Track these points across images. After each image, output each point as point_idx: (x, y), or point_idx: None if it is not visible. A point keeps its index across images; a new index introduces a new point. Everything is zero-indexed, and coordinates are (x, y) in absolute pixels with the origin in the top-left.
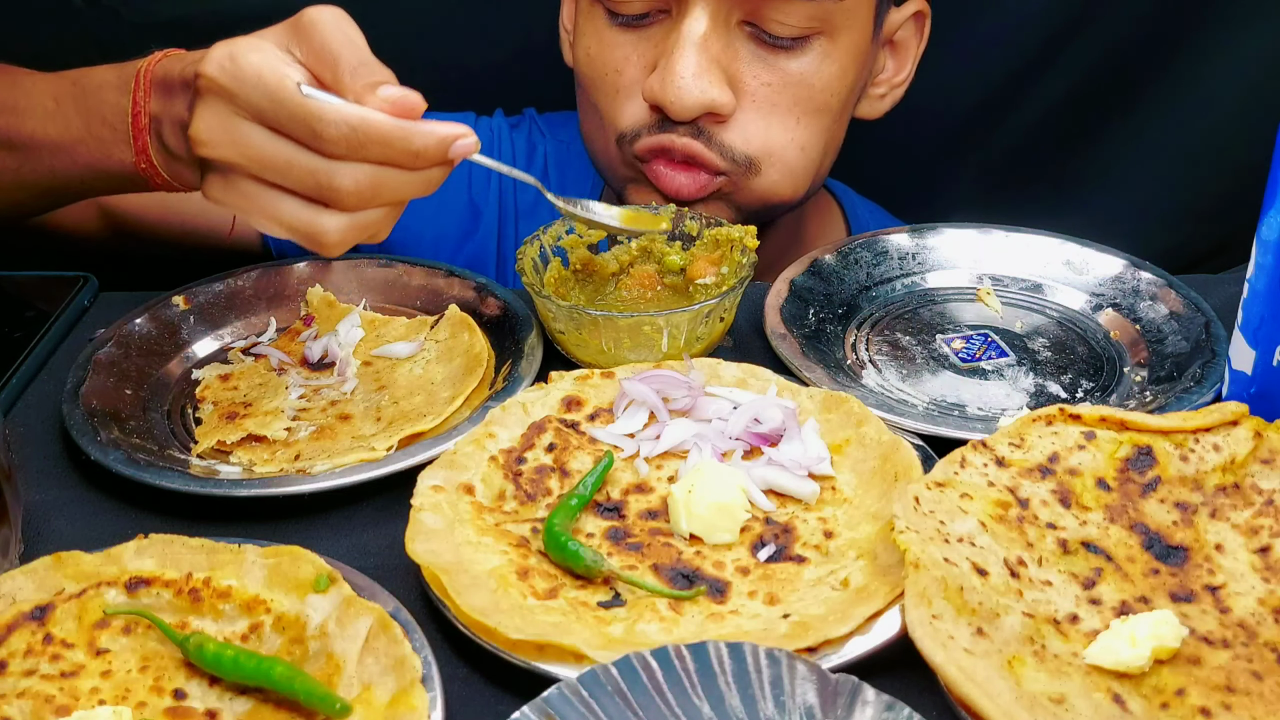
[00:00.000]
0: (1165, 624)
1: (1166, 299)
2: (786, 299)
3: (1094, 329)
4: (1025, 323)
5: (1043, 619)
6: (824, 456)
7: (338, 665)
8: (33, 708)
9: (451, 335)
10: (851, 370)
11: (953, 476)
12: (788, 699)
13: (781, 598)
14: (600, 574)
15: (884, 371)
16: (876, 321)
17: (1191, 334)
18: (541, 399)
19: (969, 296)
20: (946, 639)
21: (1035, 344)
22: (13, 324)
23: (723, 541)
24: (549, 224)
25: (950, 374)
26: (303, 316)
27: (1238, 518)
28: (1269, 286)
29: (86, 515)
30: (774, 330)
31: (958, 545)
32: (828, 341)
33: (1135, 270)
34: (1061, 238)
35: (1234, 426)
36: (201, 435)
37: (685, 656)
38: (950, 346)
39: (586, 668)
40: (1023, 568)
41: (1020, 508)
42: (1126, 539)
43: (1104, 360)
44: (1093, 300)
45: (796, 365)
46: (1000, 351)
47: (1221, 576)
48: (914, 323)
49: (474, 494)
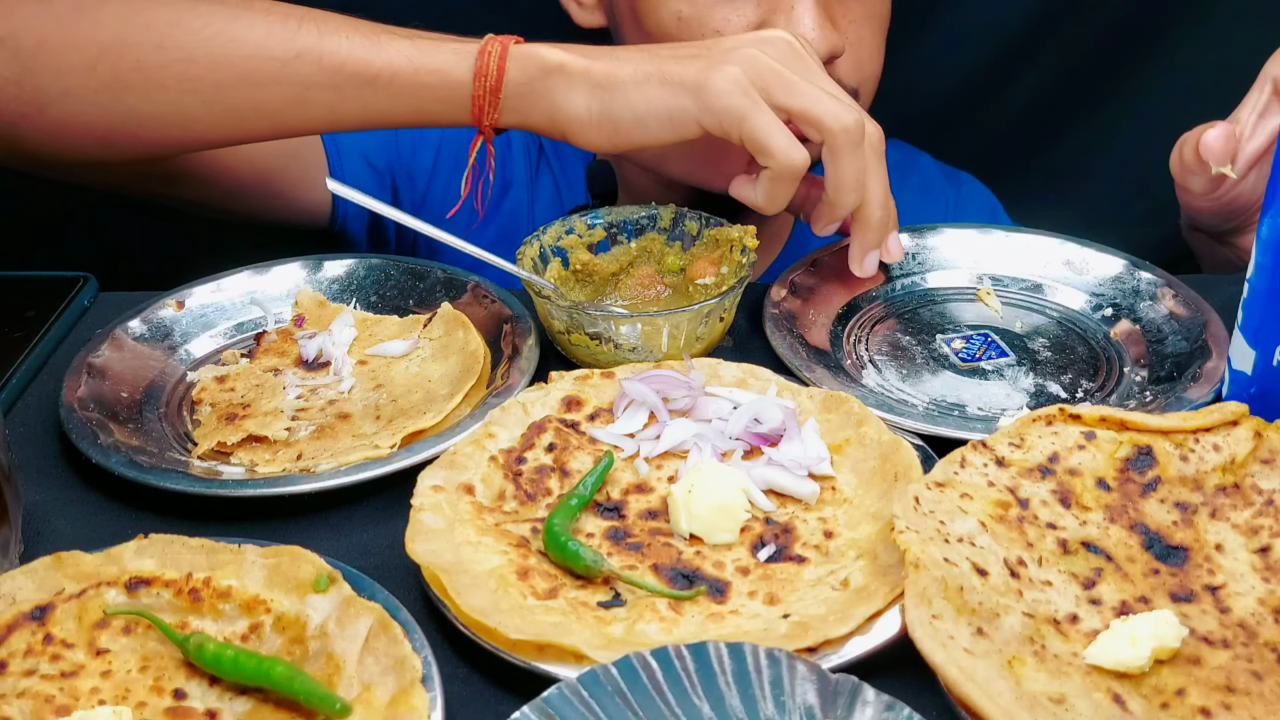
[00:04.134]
0: (1165, 624)
1: (1166, 299)
2: (786, 299)
3: (1094, 329)
4: (1025, 323)
5: (1043, 619)
6: (824, 456)
7: (338, 665)
8: (33, 708)
9: (446, 333)
10: (851, 370)
11: (953, 476)
12: (788, 699)
13: (781, 598)
14: (600, 574)
15: (884, 371)
16: (876, 322)
17: (1192, 334)
18: (542, 399)
19: (969, 296)
20: (946, 639)
21: (1035, 344)
22: (13, 324)
23: (723, 541)
24: (548, 224)
25: (950, 374)
26: (293, 317)
27: (1238, 518)
28: (1269, 286)
29: (86, 515)
30: (774, 330)
31: (958, 545)
32: (828, 341)
33: (1135, 270)
34: (1061, 238)
35: (1234, 426)
36: (201, 437)
37: (685, 656)
38: (950, 346)
39: (586, 668)
40: (1023, 568)
41: (1020, 508)
42: (1126, 539)
43: (1104, 360)
44: (1093, 300)
45: (797, 365)
46: (1000, 351)
47: (1221, 576)
48: (914, 323)
49: (474, 494)
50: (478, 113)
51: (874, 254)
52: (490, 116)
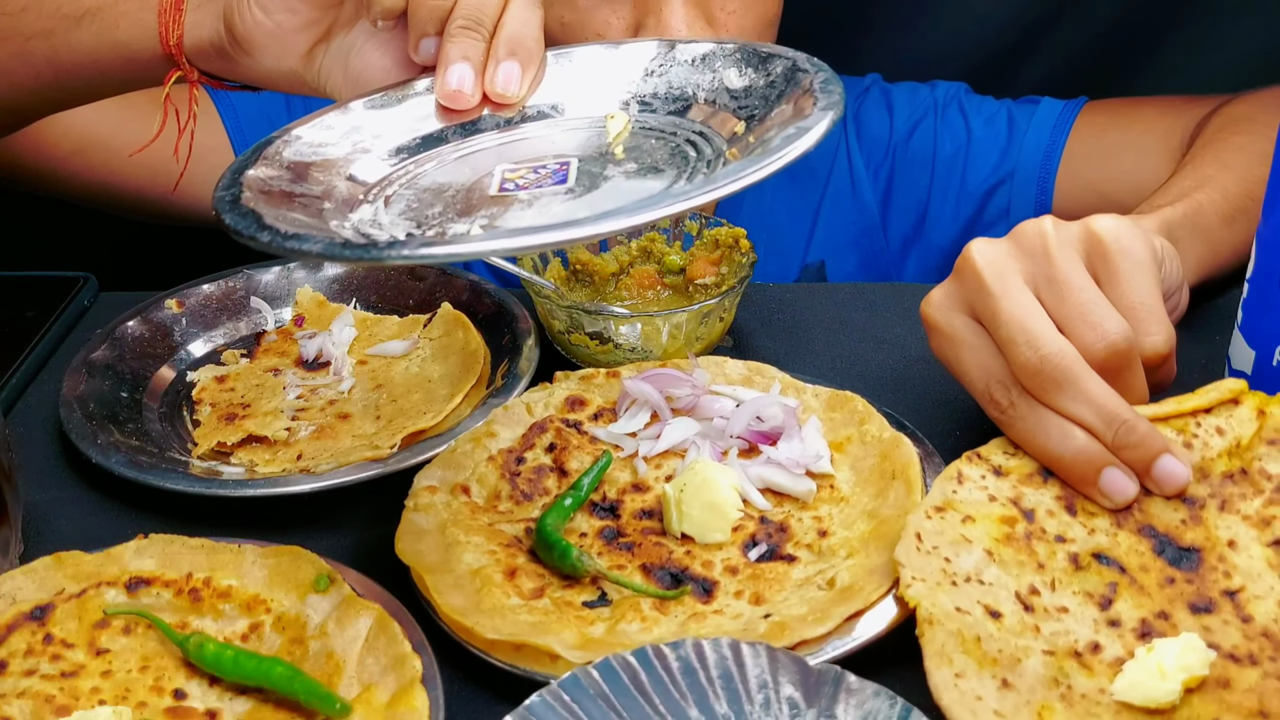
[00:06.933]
0: (1192, 650)
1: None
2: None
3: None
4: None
5: (1064, 653)
6: (823, 454)
7: (338, 665)
8: (33, 708)
9: (445, 333)
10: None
11: (951, 497)
12: (771, 692)
13: (768, 597)
14: (586, 573)
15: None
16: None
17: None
18: (545, 398)
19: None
20: (974, 701)
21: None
22: (13, 324)
23: (715, 541)
24: None
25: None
26: (293, 317)
27: (1248, 508)
28: (1269, 286)
29: (86, 515)
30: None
31: (966, 587)
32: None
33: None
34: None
35: (1235, 405)
36: (201, 437)
37: (666, 655)
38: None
39: (567, 668)
40: (1035, 597)
41: (1026, 521)
42: (1137, 545)
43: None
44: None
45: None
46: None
47: (1239, 579)
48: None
49: (469, 494)
50: (164, 31)
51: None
52: (175, 33)
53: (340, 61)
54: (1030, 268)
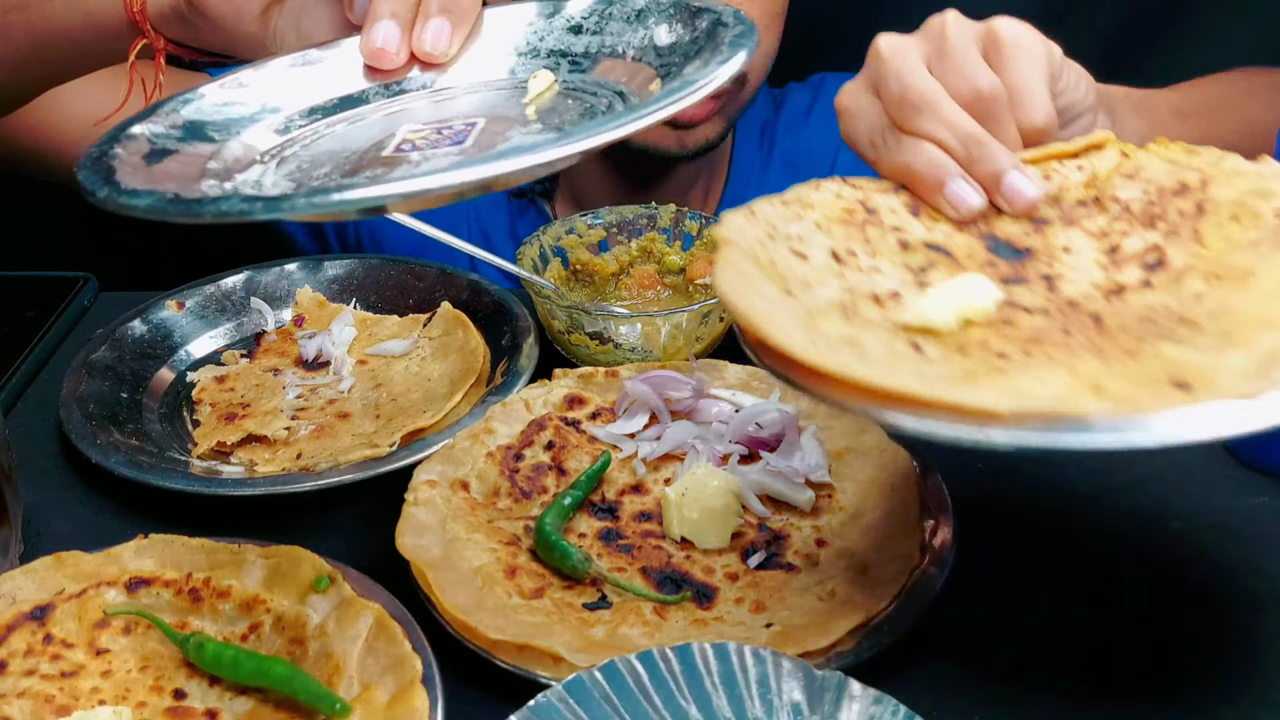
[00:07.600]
0: (978, 288)
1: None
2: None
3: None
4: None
5: (862, 295)
6: (822, 464)
7: (338, 665)
8: (33, 708)
9: (445, 332)
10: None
11: (801, 194)
12: (774, 697)
13: (768, 605)
14: (587, 575)
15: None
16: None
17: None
18: (544, 396)
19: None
20: (750, 291)
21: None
22: (13, 324)
23: (714, 546)
24: (548, 224)
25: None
26: (293, 317)
27: (1091, 225)
28: None
29: (86, 515)
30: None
31: (784, 241)
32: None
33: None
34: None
35: (1100, 150)
36: (201, 436)
37: (670, 659)
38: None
39: (568, 670)
40: (852, 257)
41: (867, 214)
42: (971, 243)
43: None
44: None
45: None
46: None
47: (1060, 268)
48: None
49: (468, 490)
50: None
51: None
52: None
53: (293, 23)
54: (927, 48)
